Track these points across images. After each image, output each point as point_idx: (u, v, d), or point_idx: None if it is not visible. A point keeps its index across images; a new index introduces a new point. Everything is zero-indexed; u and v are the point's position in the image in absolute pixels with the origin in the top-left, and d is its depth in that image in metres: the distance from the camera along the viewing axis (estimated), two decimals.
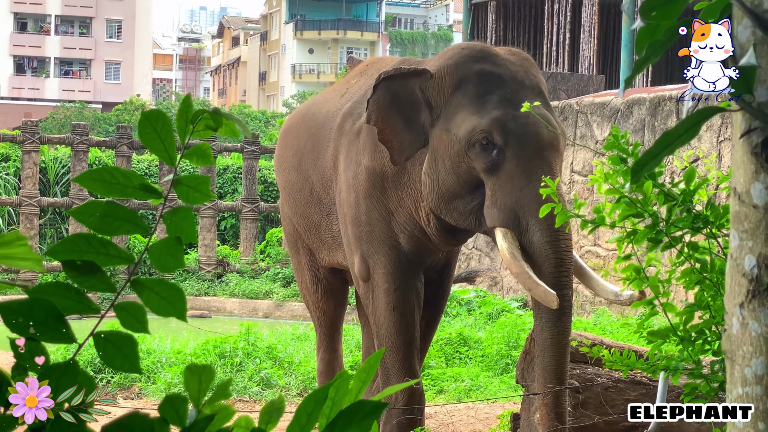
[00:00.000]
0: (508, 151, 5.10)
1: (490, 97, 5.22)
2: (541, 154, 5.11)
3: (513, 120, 5.12)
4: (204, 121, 1.63)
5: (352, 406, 1.35)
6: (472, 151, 5.18)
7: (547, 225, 4.89)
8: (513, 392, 7.60)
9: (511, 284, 13.05)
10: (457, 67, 5.38)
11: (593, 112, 11.63)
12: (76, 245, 1.46)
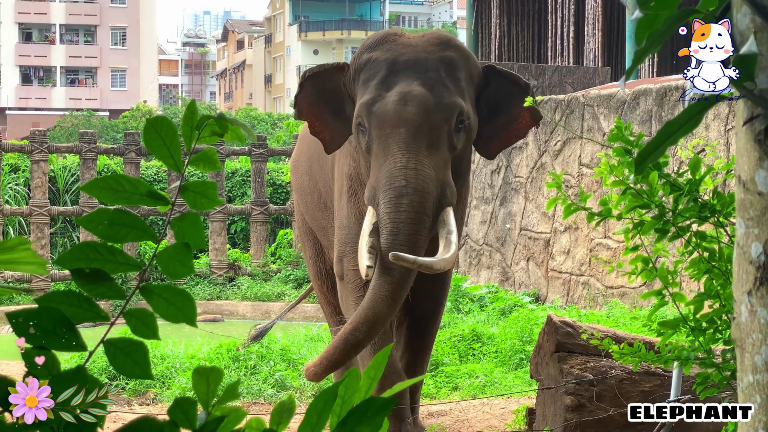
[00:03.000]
0: (372, 132, 5.32)
1: (370, 82, 5.42)
2: (397, 131, 5.23)
3: (378, 102, 5.31)
4: (209, 126, 1.64)
5: (363, 404, 1.35)
6: (355, 137, 5.50)
7: (388, 198, 5.12)
8: (527, 387, 7.59)
9: (523, 279, 13.05)
10: (356, 58, 5.62)
11: (599, 105, 11.61)
12: (85, 254, 1.47)
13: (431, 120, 5.25)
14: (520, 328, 9.21)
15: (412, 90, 5.27)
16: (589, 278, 11.74)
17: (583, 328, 5.32)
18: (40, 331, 1.36)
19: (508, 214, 13.44)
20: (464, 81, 5.46)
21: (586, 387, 5.24)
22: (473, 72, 5.55)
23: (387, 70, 5.40)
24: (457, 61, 5.47)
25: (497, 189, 13.70)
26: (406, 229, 5.11)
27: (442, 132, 5.29)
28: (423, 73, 5.35)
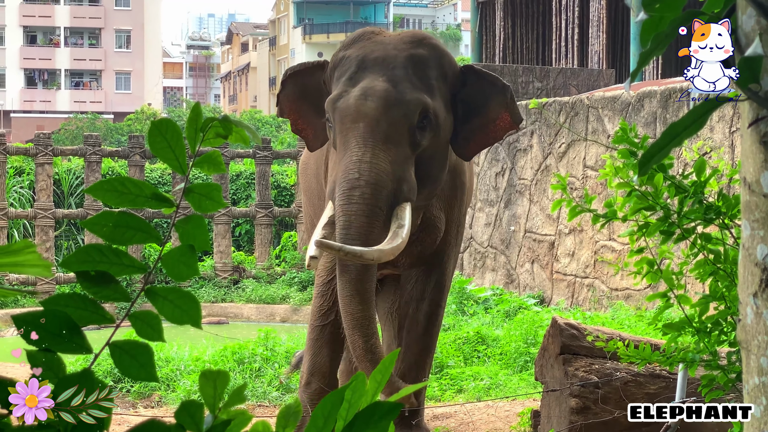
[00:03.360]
0: (335, 127, 5.40)
1: (341, 79, 5.48)
2: (356, 125, 5.27)
3: (342, 97, 5.36)
4: (214, 129, 1.64)
5: (369, 408, 1.35)
6: (328, 133, 5.63)
7: (342, 190, 5.17)
8: (532, 389, 7.59)
9: (528, 281, 13.04)
10: (333, 56, 5.70)
11: (604, 107, 11.61)
12: (90, 256, 1.47)
13: (390, 115, 5.26)
14: (525, 330, 9.21)
15: (374, 86, 5.31)
16: (593, 280, 11.73)
17: (588, 330, 5.31)
18: (45, 334, 1.37)
19: (513, 216, 13.43)
20: (435, 79, 5.44)
21: (591, 389, 5.24)
22: (447, 71, 5.53)
23: (356, 66, 5.45)
24: (427, 58, 5.47)
25: (501, 191, 13.70)
26: (357, 222, 5.14)
27: (402, 128, 5.29)
28: (390, 70, 5.38)
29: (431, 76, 5.43)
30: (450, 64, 5.58)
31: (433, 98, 5.38)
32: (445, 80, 5.51)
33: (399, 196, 5.25)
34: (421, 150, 5.37)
